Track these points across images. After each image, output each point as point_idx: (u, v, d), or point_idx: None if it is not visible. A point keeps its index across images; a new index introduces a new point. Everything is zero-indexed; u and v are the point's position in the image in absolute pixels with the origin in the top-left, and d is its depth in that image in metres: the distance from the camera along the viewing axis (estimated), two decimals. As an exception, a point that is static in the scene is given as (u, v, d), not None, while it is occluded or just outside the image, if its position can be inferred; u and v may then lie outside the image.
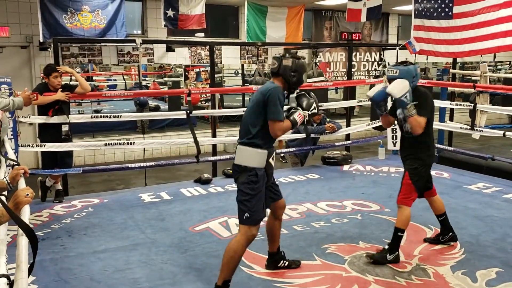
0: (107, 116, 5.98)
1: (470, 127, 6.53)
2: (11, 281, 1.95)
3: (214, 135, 6.90)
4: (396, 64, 3.88)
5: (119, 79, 14.74)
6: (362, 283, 3.38)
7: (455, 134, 7.97)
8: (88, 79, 12.79)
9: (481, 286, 3.32)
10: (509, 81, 9.30)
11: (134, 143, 6.22)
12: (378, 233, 4.26)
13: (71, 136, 5.43)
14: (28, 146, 5.31)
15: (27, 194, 2.15)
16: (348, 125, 7.84)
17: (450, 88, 7.77)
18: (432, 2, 6.97)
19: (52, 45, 6.07)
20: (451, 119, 8.21)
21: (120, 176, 8.09)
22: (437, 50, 7.13)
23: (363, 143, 8.86)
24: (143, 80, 12.56)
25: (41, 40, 8.37)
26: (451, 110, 8.25)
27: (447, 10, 6.82)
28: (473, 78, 9.40)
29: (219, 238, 4.24)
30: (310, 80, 8.66)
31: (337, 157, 7.11)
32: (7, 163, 3.62)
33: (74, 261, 3.79)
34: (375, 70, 11.82)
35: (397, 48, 8.14)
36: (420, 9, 7.19)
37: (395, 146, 7.20)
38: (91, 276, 3.53)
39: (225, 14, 11.71)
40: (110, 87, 14.17)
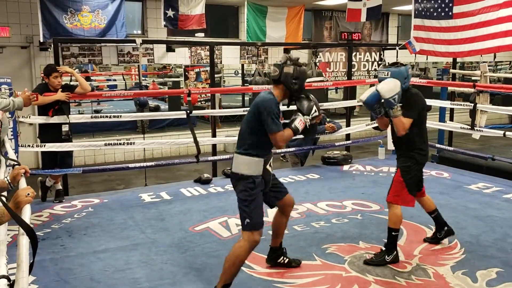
0: (107, 116, 5.98)
1: (470, 127, 6.53)
2: (11, 281, 1.95)
3: (214, 135, 6.91)
4: (387, 65, 3.87)
5: (119, 79, 14.74)
6: (362, 283, 3.38)
7: (455, 134, 7.97)
8: (87, 79, 12.79)
9: (481, 286, 3.32)
10: (509, 81, 9.30)
11: (134, 143, 6.22)
12: (378, 233, 4.26)
13: (71, 136, 5.43)
14: (28, 146, 5.31)
15: (28, 194, 2.15)
16: (348, 125, 7.84)
17: (450, 88, 7.77)
18: (432, 2, 6.97)
19: (52, 45, 6.07)
20: (451, 119, 8.20)
21: (120, 176, 8.10)
22: (437, 50, 7.13)
23: (363, 143, 8.86)
24: (143, 80, 12.56)
25: (41, 40, 8.37)
26: (451, 110, 8.25)
27: (447, 10, 6.82)
28: (473, 78, 9.38)
29: (219, 238, 4.24)
30: (309, 80, 8.65)
31: (337, 157, 7.11)
32: (7, 163, 3.62)
33: (74, 261, 3.79)
34: (375, 70, 11.80)
35: (397, 48, 8.13)
36: (420, 9, 7.19)
37: (395, 146, 7.19)
38: (91, 276, 3.53)
39: (225, 14, 11.71)
40: (110, 87, 14.17)
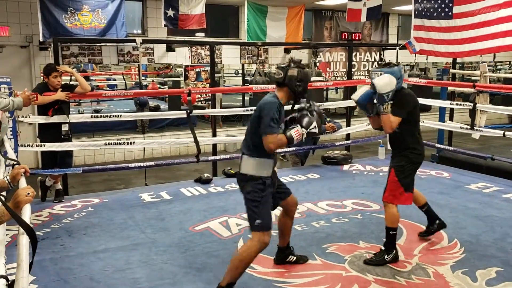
0: (107, 116, 5.98)
1: (470, 127, 6.53)
2: (9, 281, 1.94)
3: (214, 135, 6.91)
4: (380, 66, 3.86)
5: (119, 78, 14.75)
6: (362, 282, 3.38)
7: (455, 134, 7.97)
8: (86, 79, 12.79)
9: (481, 285, 3.32)
10: (509, 81, 9.31)
11: (134, 143, 6.22)
12: (378, 232, 4.25)
13: (71, 135, 5.43)
14: (28, 145, 5.31)
15: (28, 193, 2.15)
16: (348, 124, 7.84)
17: (450, 88, 7.77)
18: (432, 2, 6.97)
19: (52, 44, 6.07)
20: (451, 119, 8.21)
21: (120, 175, 8.10)
22: (437, 50, 7.13)
23: (363, 143, 8.86)
24: (143, 80, 12.57)
25: (41, 40, 8.37)
26: (451, 110, 8.25)
27: (447, 10, 6.82)
28: (473, 78, 9.40)
29: (219, 238, 4.24)
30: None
31: (337, 156, 7.11)
32: (7, 163, 3.62)
33: (74, 261, 3.79)
34: (375, 70, 11.81)
35: (397, 48, 8.14)
36: (420, 9, 7.19)
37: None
38: (91, 276, 3.53)
39: (225, 14, 11.71)
40: (110, 86, 14.18)
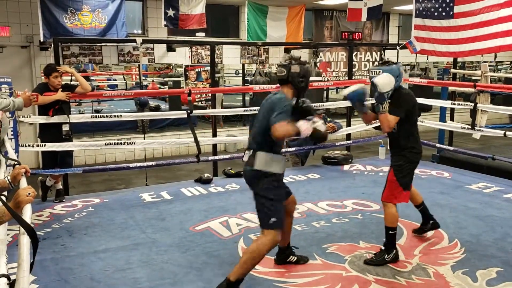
0: (107, 116, 5.97)
1: (470, 127, 6.53)
2: (11, 280, 1.95)
3: (215, 135, 6.91)
4: (379, 64, 3.87)
5: (119, 79, 14.74)
6: (362, 282, 3.38)
7: (455, 134, 7.97)
8: (86, 79, 12.77)
9: (481, 285, 3.32)
10: (509, 80, 9.30)
11: (134, 143, 6.21)
12: (378, 232, 4.24)
13: (72, 135, 5.43)
14: (29, 146, 5.32)
15: (29, 193, 2.15)
16: (348, 125, 7.84)
17: (450, 88, 7.77)
18: (433, 1, 6.97)
19: (52, 44, 6.07)
20: (452, 118, 8.21)
21: (120, 175, 8.10)
22: (438, 50, 7.12)
23: (364, 143, 8.86)
24: (143, 80, 12.57)
25: (41, 40, 8.37)
26: (452, 110, 8.25)
27: (448, 9, 6.82)
28: (473, 78, 9.39)
29: (220, 238, 4.24)
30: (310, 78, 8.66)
31: (337, 156, 7.10)
32: (8, 163, 3.62)
33: (75, 260, 3.79)
34: (375, 70, 11.81)
35: (397, 47, 8.14)
36: (421, 8, 7.19)
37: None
38: (92, 275, 3.53)
39: (225, 13, 11.71)
40: (111, 87, 14.17)
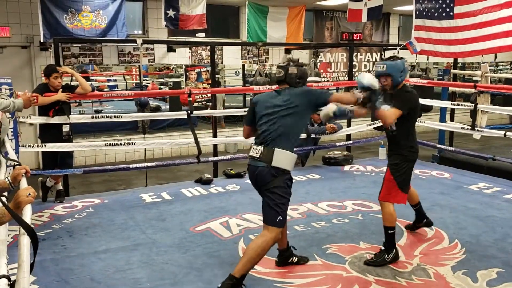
0: (107, 117, 5.97)
1: (471, 127, 6.53)
2: (11, 281, 1.95)
3: (215, 136, 6.91)
4: (384, 59, 3.89)
5: (119, 79, 14.75)
6: (362, 283, 3.38)
7: (456, 134, 7.97)
8: (87, 79, 12.77)
9: (481, 286, 3.32)
10: (510, 81, 9.29)
11: (135, 144, 6.22)
12: (378, 233, 4.24)
13: (72, 136, 5.44)
14: (29, 146, 5.32)
15: (29, 194, 2.15)
16: (349, 125, 7.84)
17: (451, 88, 7.77)
18: (433, 2, 6.97)
19: (52, 45, 6.07)
20: (452, 119, 8.21)
21: (121, 176, 8.10)
22: (438, 50, 7.13)
23: (364, 143, 8.86)
24: (144, 80, 12.56)
25: (41, 40, 8.38)
26: (452, 110, 8.25)
27: (448, 10, 6.82)
28: (474, 78, 9.39)
29: (220, 239, 4.24)
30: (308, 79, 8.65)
31: (338, 157, 7.10)
32: (8, 163, 3.62)
33: (75, 261, 3.79)
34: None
35: (398, 48, 8.13)
36: (421, 9, 7.19)
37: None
38: (92, 276, 3.53)
39: (225, 14, 11.71)
40: (111, 87, 14.18)
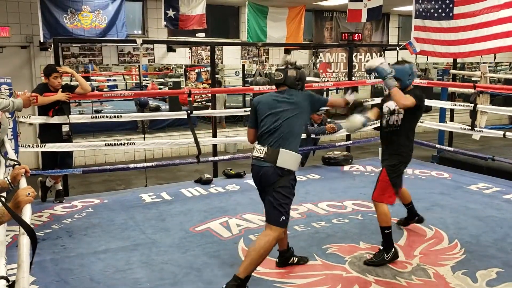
0: (107, 117, 5.97)
1: (470, 128, 6.53)
2: (10, 282, 1.94)
3: (215, 136, 6.91)
4: (393, 63, 3.94)
5: (119, 79, 14.76)
6: (362, 283, 3.38)
7: (455, 135, 7.97)
8: (87, 79, 12.77)
9: (481, 286, 3.32)
10: (509, 81, 9.31)
11: (134, 144, 6.21)
12: (378, 233, 4.23)
13: (72, 136, 5.43)
14: (28, 146, 5.31)
15: (28, 194, 2.15)
16: (348, 125, 7.82)
17: (450, 89, 7.78)
18: (433, 2, 6.97)
19: (52, 45, 6.07)
20: (452, 119, 8.21)
21: (120, 176, 8.09)
22: (437, 51, 7.13)
23: (364, 144, 8.84)
24: (143, 80, 12.57)
25: (41, 40, 8.37)
26: (452, 111, 8.24)
27: (447, 10, 6.82)
28: (473, 79, 9.39)
29: (220, 239, 4.23)
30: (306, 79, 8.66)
31: (337, 157, 7.10)
32: (7, 163, 3.62)
33: (75, 261, 3.79)
34: (375, 70, 11.82)
35: (397, 48, 8.14)
36: (421, 9, 7.19)
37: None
38: (92, 276, 3.52)
39: (225, 14, 11.71)
40: (111, 87, 14.18)
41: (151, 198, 5.55)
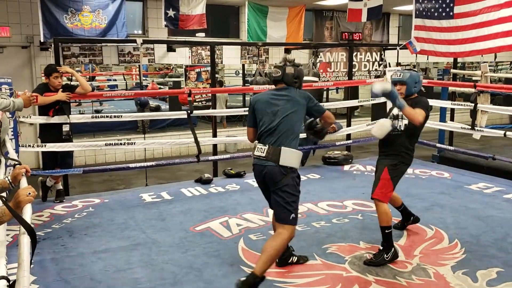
0: (107, 116, 5.97)
1: (471, 127, 6.53)
2: (10, 282, 1.94)
3: (215, 135, 6.91)
4: (402, 69, 4.05)
5: (119, 79, 14.76)
6: (362, 283, 3.38)
7: (456, 134, 7.97)
8: (92, 79, 12.81)
9: (481, 286, 3.32)
10: (509, 81, 9.30)
11: (134, 143, 6.21)
12: (378, 233, 4.23)
13: (72, 136, 5.44)
14: (29, 146, 5.32)
15: (29, 193, 2.15)
16: (348, 125, 7.84)
17: (451, 88, 7.77)
18: (433, 2, 6.97)
19: (52, 45, 6.07)
20: (452, 119, 8.20)
21: (120, 176, 8.10)
22: (438, 50, 7.13)
23: (364, 143, 8.84)
24: (144, 80, 12.57)
25: (41, 40, 8.37)
26: (452, 110, 8.24)
27: (448, 10, 6.82)
28: (474, 78, 9.39)
29: (220, 238, 4.24)
30: (304, 78, 8.65)
31: (337, 157, 7.11)
32: (8, 163, 3.62)
33: (75, 261, 3.79)
34: (375, 70, 11.81)
35: (397, 48, 8.13)
36: (421, 9, 7.19)
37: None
38: (92, 276, 3.53)
39: (225, 14, 11.71)
40: (111, 87, 14.18)
41: (151, 197, 5.56)
